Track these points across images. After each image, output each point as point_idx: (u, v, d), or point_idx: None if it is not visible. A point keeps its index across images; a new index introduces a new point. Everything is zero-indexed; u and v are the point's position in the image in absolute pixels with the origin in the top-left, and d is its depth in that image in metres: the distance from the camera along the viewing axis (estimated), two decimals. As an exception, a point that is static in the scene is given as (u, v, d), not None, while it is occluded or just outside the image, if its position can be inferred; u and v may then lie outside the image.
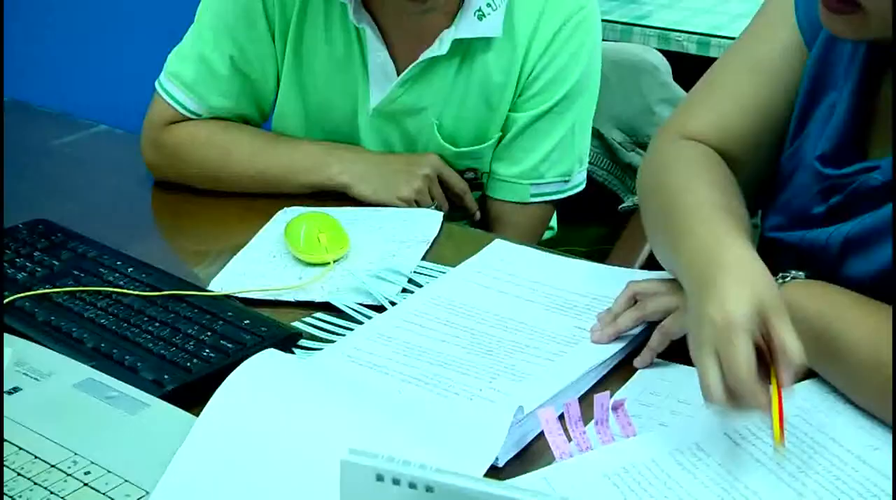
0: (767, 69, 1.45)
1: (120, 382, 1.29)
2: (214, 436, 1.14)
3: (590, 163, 1.92)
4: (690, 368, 1.32)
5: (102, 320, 1.43)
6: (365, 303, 1.49)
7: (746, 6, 2.58)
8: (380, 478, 0.88)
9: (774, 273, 1.30)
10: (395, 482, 0.87)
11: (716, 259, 1.20)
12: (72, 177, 1.97)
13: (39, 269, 1.56)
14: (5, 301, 1.46)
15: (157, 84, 1.87)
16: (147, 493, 1.11)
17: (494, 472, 1.16)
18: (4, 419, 1.23)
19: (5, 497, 1.11)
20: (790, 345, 1.10)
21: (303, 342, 1.41)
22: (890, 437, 1.18)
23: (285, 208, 1.74)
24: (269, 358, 1.24)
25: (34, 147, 2.09)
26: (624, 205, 2.14)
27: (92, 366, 1.32)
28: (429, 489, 0.87)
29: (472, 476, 0.89)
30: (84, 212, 1.77)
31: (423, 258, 1.60)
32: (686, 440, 1.20)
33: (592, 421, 1.22)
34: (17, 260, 1.58)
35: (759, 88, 1.45)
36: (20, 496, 1.12)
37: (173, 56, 1.87)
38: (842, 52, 1.37)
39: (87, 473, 1.14)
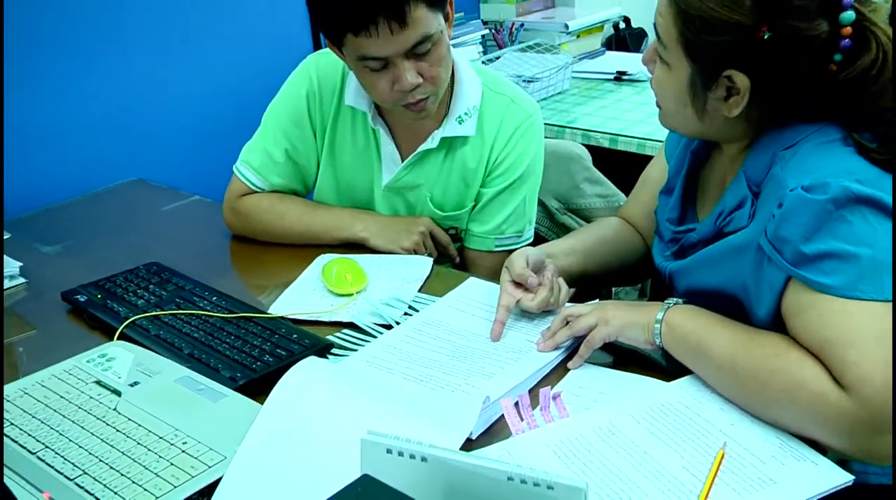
0: (650, 180, 1.62)
1: (206, 378, 1.29)
2: (274, 418, 1.14)
3: (536, 223, 1.91)
4: (608, 369, 1.33)
5: (195, 334, 1.43)
6: (378, 323, 1.48)
7: (642, 116, 2.60)
8: (389, 452, 0.88)
9: (664, 297, 1.32)
10: (400, 454, 0.87)
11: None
12: (175, 232, 1.96)
13: (153, 297, 1.55)
14: (129, 320, 1.46)
15: (234, 168, 1.86)
16: (225, 458, 1.11)
17: (469, 443, 1.16)
18: (128, 404, 1.23)
19: (134, 462, 1.11)
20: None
21: (334, 351, 1.40)
22: (743, 416, 1.18)
23: (322, 255, 1.73)
24: (310, 362, 1.24)
25: (150, 211, 2.09)
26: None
27: (188, 367, 1.32)
28: (423, 459, 0.87)
29: (454, 450, 0.90)
30: (183, 257, 1.76)
31: (419, 291, 1.59)
32: (603, 419, 1.19)
33: (538, 407, 1.21)
34: (138, 291, 1.57)
35: (645, 194, 1.63)
36: (139, 459, 1.12)
37: (245, 148, 1.86)
38: (677, 160, 1.48)
39: (184, 443, 1.14)
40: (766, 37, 1.14)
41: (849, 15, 1.14)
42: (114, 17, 2.34)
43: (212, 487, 1.06)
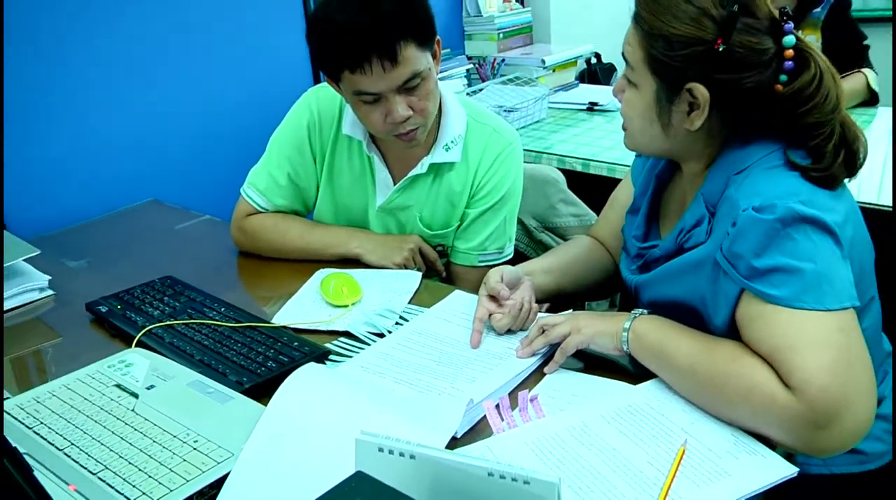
0: (617, 202, 1.63)
1: (216, 382, 1.29)
2: (277, 419, 1.14)
3: (516, 240, 1.92)
4: (580, 374, 1.33)
5: (205, 342, 1.43)
6: (371, 332, 1.48)
7: (612, 143, 2.60)
8: (381, 450, 0.88)
9: (631, 308, 1.33)
10: (391, 452, 0.87)
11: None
12: (188, 248, 1.96)
13: (167, 308, 1.55)
14: (146, 329, 1.46)
15: (241, 190, 1.86)
16: (233, 455, 1.11)
17: (454, 441, 1.16)
18: (145, 406, 1.23)
19: (150, 458, 1.11)
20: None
21: (332, 357, 1.40)
22: (702, 415, 1.19)
23: (320, 270, 1.73)
24: (310, 368, 1.24)
25: (164, 229, 2.09)
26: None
27: (198, 372, 1.32)
28: (412, 456, 0.86)
29: (440, 449, 0.89)
30: (195, 271, 1.76)
31: (409, 303, 1.59)
32: (576, 419, 1.20)
33: (517, 408, 1.22)
34: (154, 302, 1.57)
35: (613, 214, 1.64)
36: (154, 456, 1.11)
37: (252, 173, 1.86)
38: (643, 183, 1.50)
39: (195, 441, 1.14)
40: (720, 49, 1.18)
41: (790, 39, 1.20)
42: (134, 56, 2.35)
43: (220, 481, 1.07)
